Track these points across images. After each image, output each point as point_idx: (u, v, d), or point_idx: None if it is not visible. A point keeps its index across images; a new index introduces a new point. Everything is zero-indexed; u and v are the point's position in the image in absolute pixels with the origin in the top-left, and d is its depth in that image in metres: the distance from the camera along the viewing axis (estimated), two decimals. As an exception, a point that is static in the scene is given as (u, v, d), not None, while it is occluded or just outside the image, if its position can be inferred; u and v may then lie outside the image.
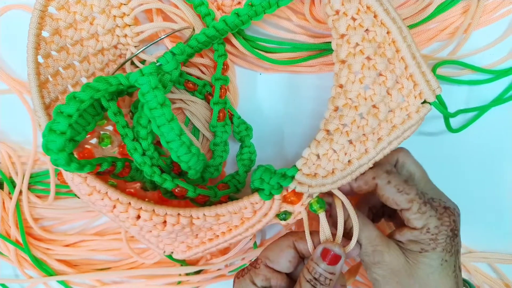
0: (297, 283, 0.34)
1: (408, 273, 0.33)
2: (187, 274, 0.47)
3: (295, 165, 0.34)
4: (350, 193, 0.36)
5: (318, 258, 0.33)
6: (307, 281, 0.33)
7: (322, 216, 0.34)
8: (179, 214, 0.35)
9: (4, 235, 0.48)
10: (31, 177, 0.47)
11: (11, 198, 0.47)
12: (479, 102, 0.43)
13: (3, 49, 0.46)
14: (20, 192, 0.47)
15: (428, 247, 0.33)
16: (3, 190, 0.48)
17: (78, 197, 0.37)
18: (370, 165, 0.35)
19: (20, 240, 0.47)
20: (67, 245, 0.49)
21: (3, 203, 0.47)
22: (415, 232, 0.33)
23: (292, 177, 0.34)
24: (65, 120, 0.30)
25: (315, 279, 0.33)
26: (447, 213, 0.33)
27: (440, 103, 0.34)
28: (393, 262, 0.33)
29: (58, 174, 0.36)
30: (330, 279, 0.33)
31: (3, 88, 0.46)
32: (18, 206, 0.47)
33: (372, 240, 0.34)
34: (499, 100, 0.41)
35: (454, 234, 0.33)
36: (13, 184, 0.47)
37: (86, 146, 0.39)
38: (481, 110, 0.42)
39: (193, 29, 0.39)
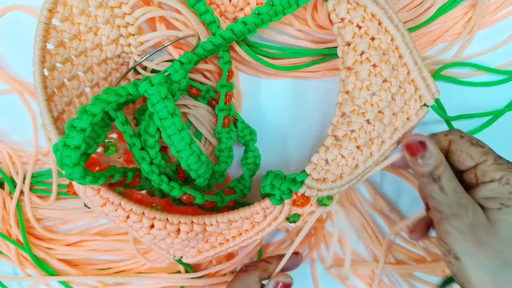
0: None
1: (488, 231, 0.31)
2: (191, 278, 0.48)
3: (304, 170, 0.35)
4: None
5: None
6: None
7: (334, 207, 0.36)
8: (192, 221, 0.35)
9: (5, 235, 0.47)
10: (32, 177, 0.47)
11: (11, 198, 0.47)
12: (478, 105, 0.44)
13: (4, 49, 0.45)
14: (21, 192, 0.47)
15: (509, 201, 0.31)
16: (3, 190, 0.47)
17: (88, 207, 0.37)
18: (374, 166, 0.36)
19: (21, 239, 0.47)
20: (68, 245, 0.49)
21: (4, 202, 0.47)
22: (492, 184, 0.31)
23: (302, 182, 0.35)
24: (79, 134, 0.30)
25: None
26: None
27: (439, 107, 0.36)
28: (475, 217, 0.31)
29: (68, 185, 0.36)
30: None
31: (4, 88, 0.46)
32: (19, 205, 0.47)
33: (458, 192, 0.32)
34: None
35: None
36: (13, 184, 0.47)
37: (92, 155, 0.39)
38: (496, 114, 0.43)
39: (198, 37, 0.39)
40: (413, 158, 0.33)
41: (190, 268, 0.48)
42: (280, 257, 0.39)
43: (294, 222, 0.37)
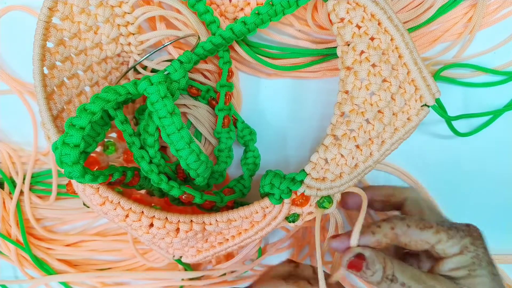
0: None
1: None
2: (190, 279, 0.48)
3: (303, 170, 0.35)
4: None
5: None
6: None
7: (333, 210, 0.36)
8: (192, 221, 0.35)
9: (4, 235, 0.47)
10: (31, 177, 0.47)
11: (11, 198, 0.47)
12: (477, 105, 0.44)
13: (4, 49, 0.45)
14: (21, 192, 0.47)
15: (474, 266, 0.31)
16: (3, 190, 0.47)
17: (87, 206, 0.37)
18: (374, 166, 0.36)
19: (21, 239, 0.47)
20: (68, 245, 0.49)
21: (4, 202, 0.47)
22: (456, 258, 0.32)
23: (301, 182, 0.35)
24: (78, 132, 0.30)
25: None
26: (471, 228, 0.33)
27: (439, 107, 0.36)
28: None
29: (67, 184, 0.36)
30: None
31: (4, 88, 0.46)
32: (18, 205, 0.47)
33: (418, 277, 0.32)
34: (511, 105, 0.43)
35: (486, 245, 0.32)
36: (13, 184, 0.47)
37: (92, 154, 0.39)
38: (495, 114, 0.43)
39: (198, 37, 0.39)
40: (361, 273, 0.32)
41: (190, 268, 0.47)
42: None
43: (294, 221, 0.37)
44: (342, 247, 0.34)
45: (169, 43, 0.39)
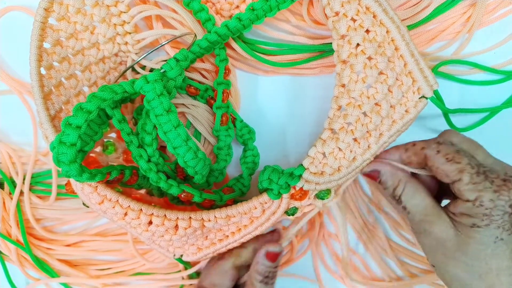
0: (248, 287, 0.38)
1: (456, 247, 0.31)
2: (190, 277, 0.48)
3: (301, 164, 0.35)
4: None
5: (263, 259, 0.37)
6: (260, 281, 0.37)
7: (333, 204, 0.37)
8: (190, 217, 0.35)
9: (5, 235, 0.48)
10: (31, 177, 0.47)
11: (11, 198, 0.47)
12: (473, 104, 0.44)
13: (4, 49, 0.46)
14: (21, 192, 0.47)
15: (481, 222, 0.30)
16: (3, 190, 0.48)
17: (87, 206, 0.37)
18: (372, 159, 0.36)
19: (21, 239, 0.47)
20: (68, 245, 0.49)
21: (4, 203, 0.47)
22: (467, 204, 0.30)
23: (300, 176, 0.35)
24: (75, 131, 0.30)
25: (266, 277, 0.37)
26: (506, 186, 0.30)
27: (437, 98, 0.36)
28: (441, 233, 0.32)
29: (66, 184, 0.37)
30: (276, 272, 0.38)
31: (4, 88, 0.46)
32: (18, 205, 0.47)
33: (421, 209, 0.33)
34: (510, 102, 0.42)
35: None
36: (13, 184, 0.47)
37: (91, 154, 0.39)
38: (492, 111, 0.42)
39: (195, 35, 0.39)
40: (378, 184, 0.36)
41: (190, 267, 0.47)
42: (256, 239, 0.39)
43: (293, 214, 0.37)
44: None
45: (166, 42, 0.39)
